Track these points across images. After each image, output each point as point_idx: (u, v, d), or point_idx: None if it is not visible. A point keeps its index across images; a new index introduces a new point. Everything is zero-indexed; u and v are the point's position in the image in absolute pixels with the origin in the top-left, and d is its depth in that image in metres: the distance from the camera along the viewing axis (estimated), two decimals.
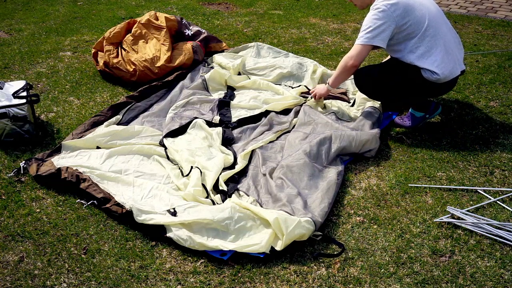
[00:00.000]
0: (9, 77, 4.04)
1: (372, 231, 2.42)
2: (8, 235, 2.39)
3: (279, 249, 2.25)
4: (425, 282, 2.14)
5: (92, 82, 3.98)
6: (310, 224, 2.30)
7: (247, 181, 2.74)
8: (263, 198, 2.58)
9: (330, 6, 6.07)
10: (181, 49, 4.08)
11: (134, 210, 2.39)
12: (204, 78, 3.75)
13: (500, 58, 4.39)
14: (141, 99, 3.55)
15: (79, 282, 2.14)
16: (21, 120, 3.03)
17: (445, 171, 2.87)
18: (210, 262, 2.24)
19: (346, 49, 4.65)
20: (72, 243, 2.35)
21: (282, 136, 3.17)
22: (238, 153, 2.95)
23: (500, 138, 3.18)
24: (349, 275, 2.17)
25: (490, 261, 2.24)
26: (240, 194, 2.64)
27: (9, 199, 2.64)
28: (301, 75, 3.90)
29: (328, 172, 2.76)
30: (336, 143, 2.92)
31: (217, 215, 2.35)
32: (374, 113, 3.24)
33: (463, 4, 6.03)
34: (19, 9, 5.90)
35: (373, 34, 2.93)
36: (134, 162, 2.87)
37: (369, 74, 3.16)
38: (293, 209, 2.40)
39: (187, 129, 3.18)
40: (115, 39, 4.10)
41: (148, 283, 2.14)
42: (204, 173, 2.72)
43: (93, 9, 5.93)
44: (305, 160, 2.76)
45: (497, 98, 3.69)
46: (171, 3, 6.19)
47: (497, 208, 2.57)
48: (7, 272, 2.19)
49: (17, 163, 2.91)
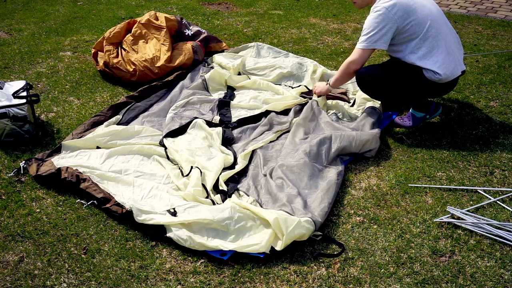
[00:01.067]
0: (9, 77, 4.04)
1: (372, 231, 2.42)
2: (8, 235, 2.39)
3: (279, 249, 2.25)
4: (425, 282, 2.14)
5: (92, 82, 3.98)
6: (310, 224, 2.30)
7: (247, 181, 2.74)
8: (263, 198, 2.58)
9: (330, 6, 6.07)
10: (181, 49, 4.08)
11: (134, 210, 2.39)
12: (204, 78, 3.75)
13: (500, 58, 4.39)
14: (141, 99, 3.55)
15: (79, 282, 2.14)
16: (21, 120, 3.03)
17: (445, 171, 2.87)
18: (210, 262, 2.24)
19: (346, 49, 4.65)
20: (72, 243, 2.35)
21: (283, 135, 3.17)
22: (238, 153, 2.95)
23: (500, 138, 3.18)
24: (349, 275, 2.17)
25: (490, 261, 2.24)
26: (240, 194, 2.64)
27: (9, 199, 2.64)
28: (301, 75, 3.91)
29: (328, 172, 2.76)
30: (336, 143, 2.92)
31: (217, 215, 2.35)
32: (374, 113, 3.24)
33: (463, 4, 6.03)
34: (19, 9, 5.90)
35: (375, 37, 2.92)
36: (134, 162, 2.87)
37: (370, 74, 3.16)
38: (293, 209, 2.40)
39: (187, 129, 3.18)
40: (115, 39, 4.10)
41: (148, 283, 2.14)
42: (204, 173, 2.72)
43: (93, 9, 5.93)
44: (305, 160, 2.76)
45: (497, 98, 3.69)
46: (171, 3, 6.19)
47: (497, 208, 2.57)
48: (7, 272, 2.19)
49: (17, 163, 2.91)
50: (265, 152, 2.98)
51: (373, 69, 3.23)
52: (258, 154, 2.95)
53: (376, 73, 3.17)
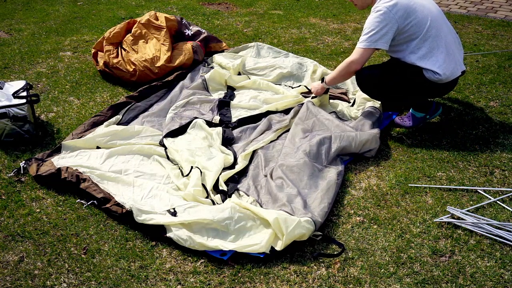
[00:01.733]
0: (9, 77, 4.04)
1: (372, 231, 2.42)
2: (8, 235, 2.39)
3: (279, 249, 2.25)
4: (425, 282, 2.14)
5: (92, 82, 3.98)
6: (310, 224, 2.30)
7: (247, 181, 2.74)
8: (263, 198, 2.58)
9: (330, 6, 6.07)
10: (181, 49, 4.08)
11: (134, 210, 2.39)
12: (204, 78, 3.75)
13: (500, 58, 4.39)
14: (141, 99, 3.55)
15: (79, 282, 2.14)
16: (21, 120, 3.03)
17: (445, 171, 2.87)
18: (210, 262, 2.24)
19: (346, 49, 4.65)
20: (72, 243, 2.35)
21: (283, 135, 3.17)
22: (239, 153, 2.95)
23: (500, 138, 3.18)
24: (349, 275, 2.17)
25: (490, 261, 2.24)
26: (240, 194, 2.64)
27: (9, 199, 2.64)
28: (301, 75, 3.91)
29: (328, 172, 2.76)
30: (336, 143, 2.92)
31: (217, 215, 2.35)
32: (374, 113, 3.24)
33: (463, 4, 6.03)
34: (19, 9, 5.90)
35: (376, 37, 2.92)
36: (134, 162, 2.87)
37: (371, 74, 3.15)
38: (293, 209, 2.40)
39: (187, 129, 3.18)
40: (115, 39, 4.10)
41: (148, 283, 2.14)
42: (204, 173, 2.72)
43: (93, 9, 5.93)
44: (305, 160, 2.76)
45: (497, 98, 3.69)
46: (171, 3, 6.19)
47: (497, 208, 2.57)
48: (7, 272, 2.19)
49: (17, 163, 2.91)
50: (266, 152, 2.98)
51: (373, 69, 3.23)
52: (259, 154, 2.95)
53: (376, 73, 3.17)
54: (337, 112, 3.37)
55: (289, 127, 3.20)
